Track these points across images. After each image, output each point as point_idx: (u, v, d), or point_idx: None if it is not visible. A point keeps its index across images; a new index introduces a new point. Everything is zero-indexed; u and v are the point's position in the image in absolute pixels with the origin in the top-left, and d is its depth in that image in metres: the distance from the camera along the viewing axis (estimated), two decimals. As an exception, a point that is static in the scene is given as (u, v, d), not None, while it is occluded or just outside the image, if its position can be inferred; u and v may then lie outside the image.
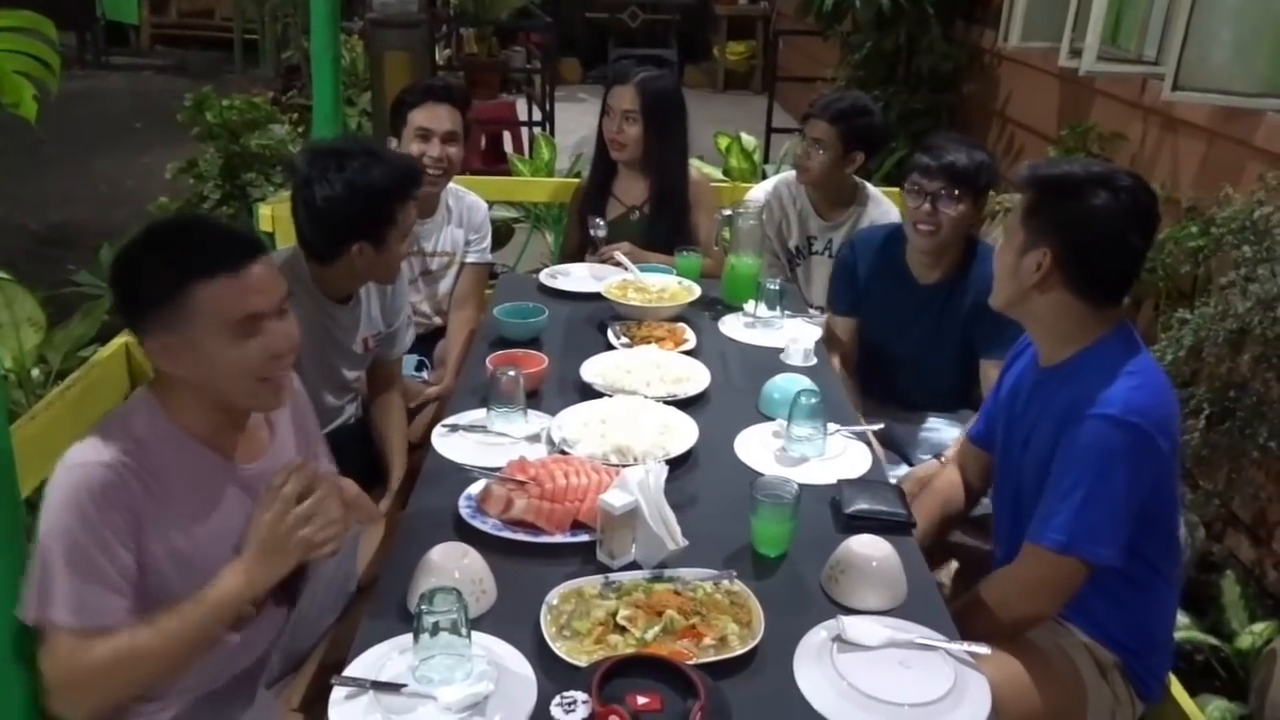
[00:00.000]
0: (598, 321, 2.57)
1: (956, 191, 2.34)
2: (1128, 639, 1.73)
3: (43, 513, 1.38)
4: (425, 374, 2.79)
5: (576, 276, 2.84)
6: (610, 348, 2.40)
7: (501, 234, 4.39)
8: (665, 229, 2.97)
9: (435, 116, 2.67)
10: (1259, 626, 2.21)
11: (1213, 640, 2.21)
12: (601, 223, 2.95)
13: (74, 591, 1.36)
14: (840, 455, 1.98)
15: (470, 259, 2.90)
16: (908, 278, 2.52)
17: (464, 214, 2.87)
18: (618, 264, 2.82)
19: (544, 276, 2.84)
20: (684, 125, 3.02)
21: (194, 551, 1.48)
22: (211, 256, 1.43)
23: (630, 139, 2.93)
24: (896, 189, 2.66)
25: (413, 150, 2.63)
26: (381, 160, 2.07)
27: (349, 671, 1.36)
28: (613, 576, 1.55)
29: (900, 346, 2.57)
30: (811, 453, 1.95)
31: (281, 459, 1.62)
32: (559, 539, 1.65)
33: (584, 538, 1.65)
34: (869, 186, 3.09)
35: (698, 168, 3.21)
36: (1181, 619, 2.24)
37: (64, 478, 1.39)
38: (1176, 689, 1.92)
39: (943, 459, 2.18)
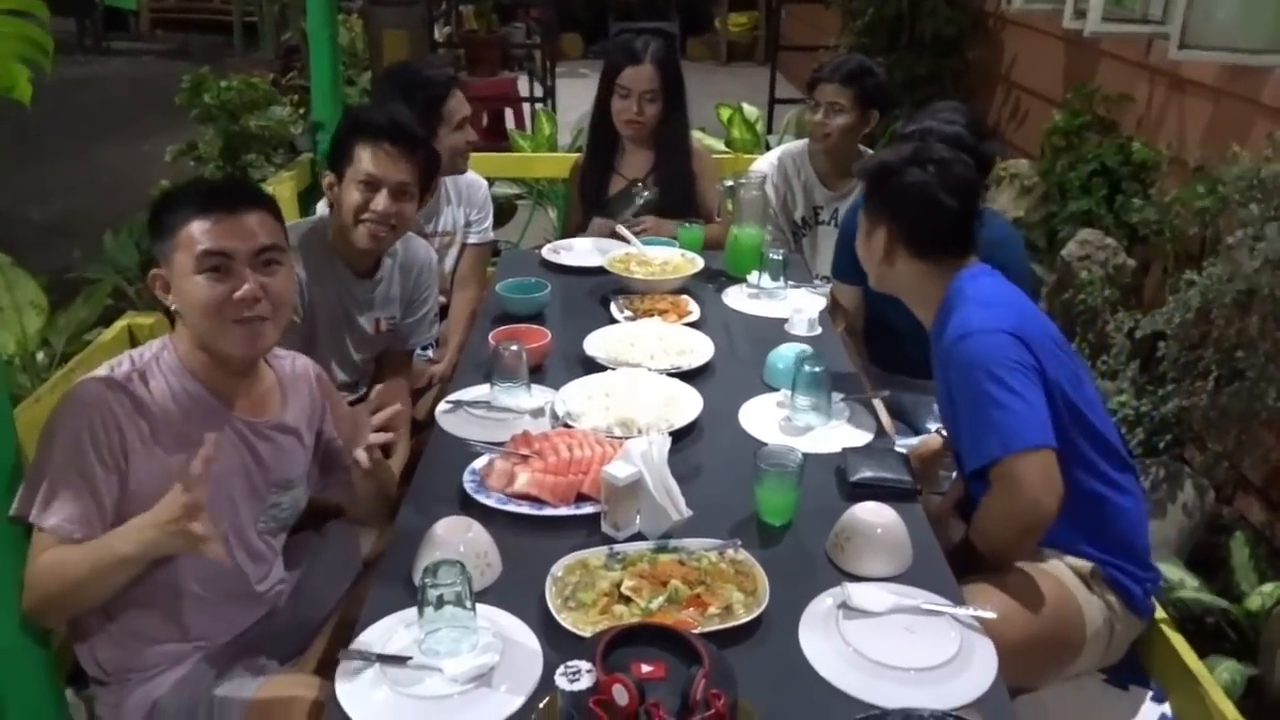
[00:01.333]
0: (601, 295, 2.56)
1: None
2: (1096, 547, 1.78)
3: (45, 423, 1.48)
4: (429, 352, 2.78)
5: (579, 251, 2.83)
6: (613, 321, 2.39)
7: (504, 210, 4.38)
8: (672, 200, 2.95)
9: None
10: (1269, 588, 2.20)
11: (1222, 602, 2.20)
12: (645, 192, 2.92)
13: (62, 500, 1.42)
14: (845, 424, 1.98)
15: (472, 239, 2.89)
16: None
17: (464, 192, 2.86)
18: (622, 238, 2.80)
19: (546, 252, 2.83)
20: (684, 95, 3.00)
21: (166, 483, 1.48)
22: (213, 195, 1.55)
23: (650, 118, 2.90)
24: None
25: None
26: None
27: (355, 645, 1.36)
28: (617, 548, 1.55)
29: (905, 315, 2.55)
30: (816, 422, 1.94)
31: (289, 421, 1.66)
32: (563, 511, 1.65)
33: (588, 510, 1.65)
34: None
35: (698, 139, 3.19)
36: (1190, 581, 2.24)
37: (68, 392, 1.49)
38: (1186, 651, 1.92)
39: (943, 430, 2.18)
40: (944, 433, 2.19)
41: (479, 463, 1.77)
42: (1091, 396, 1.81)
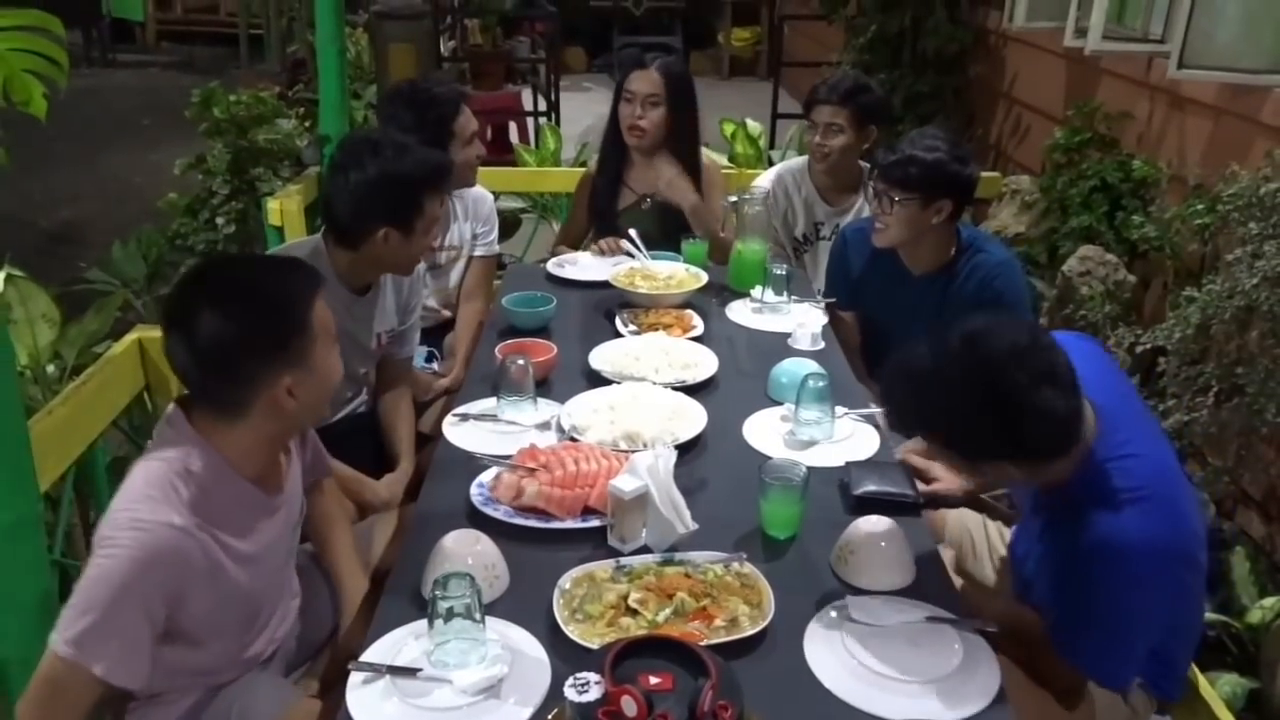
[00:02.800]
0: (606, 309, 2.58)
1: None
2: (1151, 666, 1.65)
3: (103, 555, 1.33)
4: (435, 365, 2.80)
5: (584, 265, 2.85)
6: (618, 335, 2.41)
7: (508, 224, 4.40)
8: (678, 216, 2.97)
9: (473, 117, 2.67)
10: (1269, 601, 2.21)
11: (1223, 616, 2.22)
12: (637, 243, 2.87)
13: (113, 649, 1.33)
14: (848, 438, 1.99)
15: (478, 252, 2.91)
16: (902, 270, 2.51)
17: (470, 208, 2.88)
18: (626, 253, 2.82)
19: (551, 266, 2.85)
20: (697, 110, 3.02)
21: (232, 593, 1.48)
22: (311, 282, 1.52)
23: (652, 124, 2.91)
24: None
25: (470, 153, 2.67)
26: (414, 151, 2.13)
27: (365, 657, 1.38)
28: (624, 560, 1.56)
29: (904, 337, 2.57)
30: (820, 436, 1.96)
31: (294, 478, 1.66)
32: (570, 524, 1.67)
33: (595, 523, 1.66)
34: None
35: (707, 154, 3.21)
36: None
37: (134, 535, 1.34)
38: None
39: None
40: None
41: (486, 475, 1.78)
42: (1198, 528, 1.58)
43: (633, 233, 2.82)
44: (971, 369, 1.42)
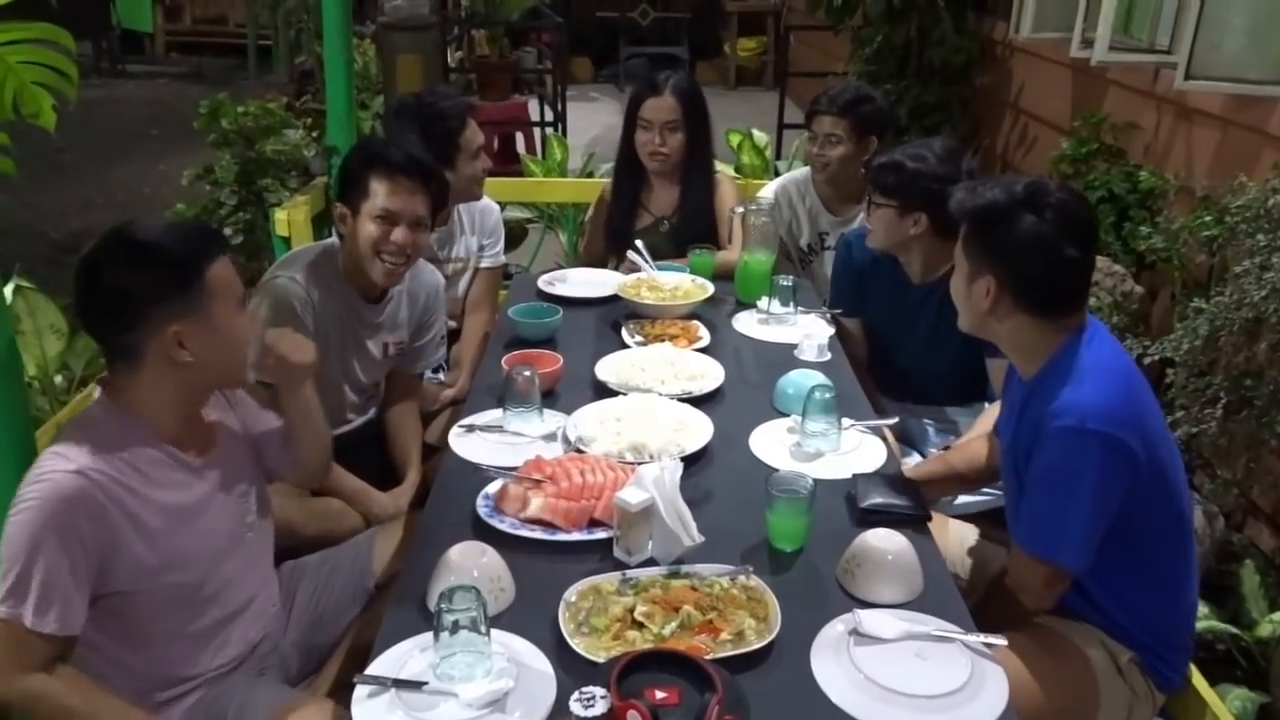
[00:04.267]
0: (612, 320, 2.58)
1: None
2: (1144, 635, 1.72)
3: (14, 513, 1.43)
4: (441, 375, 2.81)
5: (574, 282, 2.84)
6: (624, 346, 2.41)
7: (515, 234, 4.41)
8: (692, 233, 2.96)
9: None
10: (1279, 615, 2.20)
11: (1233, 630, 2.21)
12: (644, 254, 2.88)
13: (38, 598, 1.40)
14: (855, 450, 1.99)
15: (484, 264, 2.92)
16: (902, 278, 2.51)
17: (476, 220, 2.89)
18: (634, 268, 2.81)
19: (542, 283, 2.82)
20: (710, 125, 3.02)
21: (162, 546, 1.53)
22: (211, 240, 1.61)
23: (672, 149, 2.91)
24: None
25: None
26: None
27: (371, 670, 1.38)
28: (630, 573, 1.56)
29: (907, 345, 2.57)
30: (826, 448, 1.96)
31: (229, 445, 1.70)
32: (576, 536, 1.67)
33: (601, 535, 1.66)
34: None
35: (721, 170, 3.21)
36: (1201, 609, 2.23)
37: (37, 484, 1.43)
38: (1197, 679, 1.92)
39: (942, 449, 2.21)
40: (945, 448, 2.22)
41: (492, 487, 1.78)
42: (1168, 475, 1.70)
43: (639, 244, 2.82)
44: (1064, 206, 1.62)
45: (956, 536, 2.01)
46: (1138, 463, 1.58)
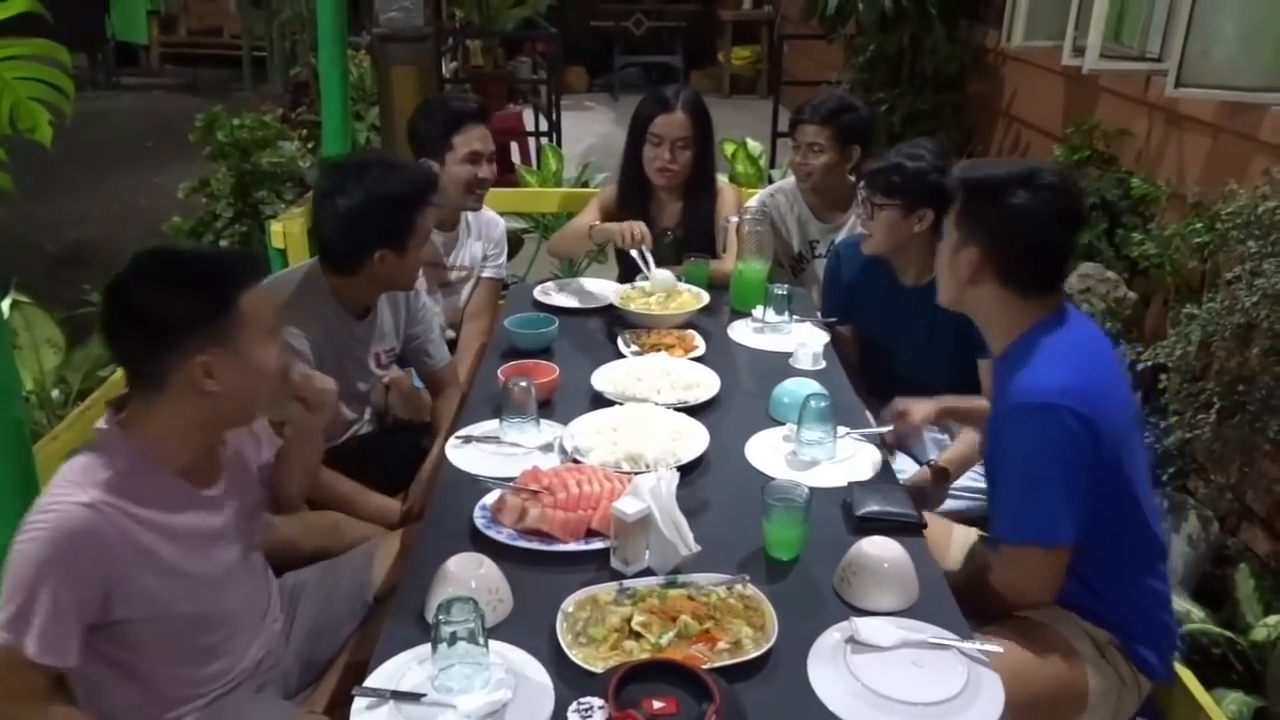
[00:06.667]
0: (607, 330, 2.59)
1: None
2: (1116, 618, 1.75)
3: (21, 541, 1.40)
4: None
5: (570, 292, 2.84)
6: (620, 356, 2.42)
7: (512, 244, 4.41)
8: (698, 246, 2.95)
9: (483, 138, 2.68)
10: (1274, 619, 2.20)
11: (1228, 634, 2.21)
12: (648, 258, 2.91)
13: (38, 628, 1.38)
14: (850, 458, 2.00)
15: (486, 273, 2.93)
16: (894, 282, 2.53)
17: (483, 229, 2.91)
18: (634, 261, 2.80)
19: (538, 294, 2.83)
20: (714, 138, 3.03)
21: (173, 575, 1.51)
22: (247, 268, 1.56)
23: (682, 165, 2.91)
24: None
25: (464, 172, 2.66)
26: (398, 169, 2.18)
27: (369, 682, 1.38)
28: (627, 583, 1.56)
29: (899, 349, 2.58)
30: (822, 456, 1.96)
31: (239, 478, 1.67)
32: (573, 547, 1.67)
33: (598, 545, 1.67)
34: None
35: (721, 179, 3.21)
36: (1196, 612, 2.25)
37: (46, 515, 1.40)
38: (1192, 683, 1.93)
39: (932, 462, 2.25)
40: (934, 464, 2.23)
41: (489, 498, 1.79)
42: (1143, 473, 1.75)
43: (644, 245, 2.80)
44: (1058, 189, 1.68)
45: (960, 542, 2.02)
46: (1097, 433, 1.61)
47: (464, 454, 1.99)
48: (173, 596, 1.51)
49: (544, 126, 6.60)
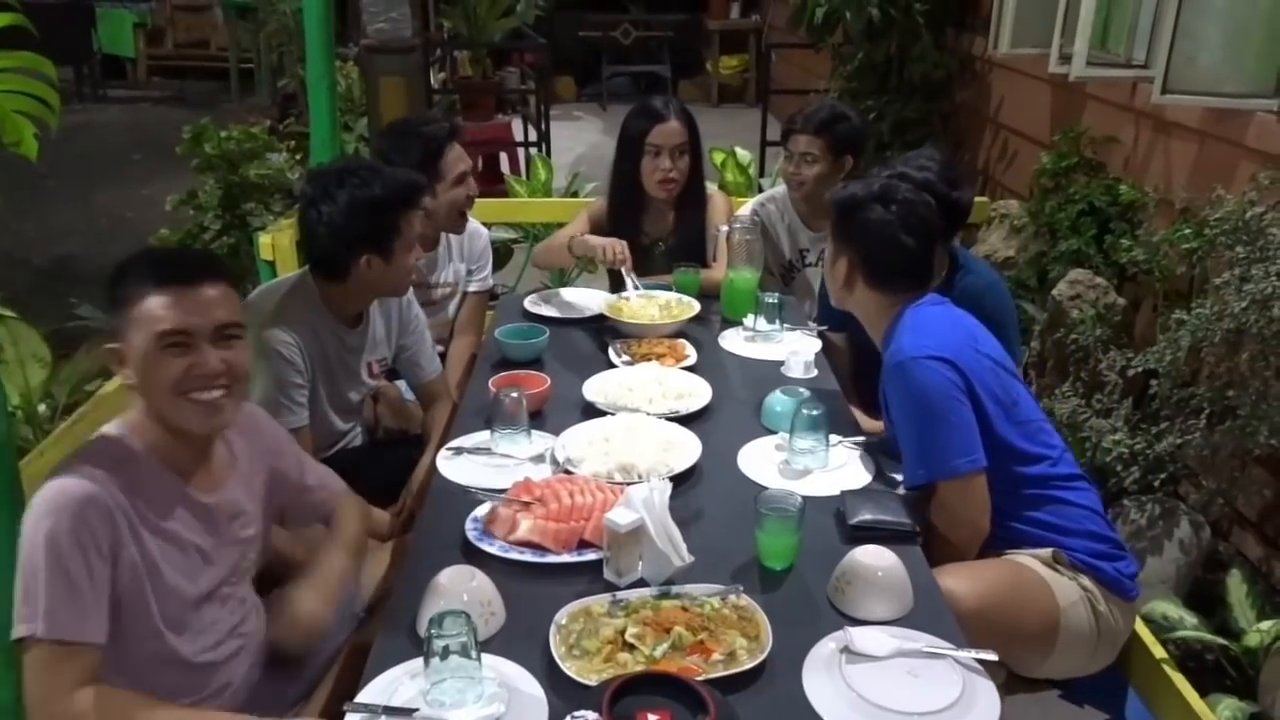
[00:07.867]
0: (599, 340, 2.58)
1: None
2: (1052, 535, 1.90)
3: (26, 532, 1.41)
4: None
5: (560, 303, 2.84)
6: (611, 366, 2.41)
7: (500, 254, 4.42)
8: (690, 256, 2.95)
9: (463, 156, 2.66)
10: (1267, 624, 2.21)
11: (1220, 639, 2.21)
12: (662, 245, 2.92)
13: (52, 606, 1.38)
14: (843, 466, 1.99)
15: (472, 287, 2.92)
16: None
17: (465, 245, 2.89)
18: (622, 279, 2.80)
19: (528, 304, 2.83)
20: (702, 146, 3.03)
21: (149, 571, 1.50)
22: (170, 269, 1.51)
23: (682, 173, 2.90)
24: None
25: (458, 195, 2.64)
26: (382, 174, 2.18)
27: (361, 697, 1.37)
28: (620, 594, 1.56)
29: None
30: (814, 465, 1.96)
31: (240, 494, 1.65)
32: (566, 559, 1.66)
33: (590, 557, 1.66)
34: None
35: (711, 187, 3.21)
36: (1189, 618, 2.25)
37: (44, 495, 1.43)
38: (1186, 689, 1.93)
39: None
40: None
41: (481, 510, 1.78)
42: (1030, 413, 1.94)
43: (625, 266, 2.81)
44: (908, 204, 1.96)
45: None
46: (963, 373, 1.83)
47: (455, 465, 1.98)
48: (153, 590, 1.50)
49: (533, 136, 6.60)
